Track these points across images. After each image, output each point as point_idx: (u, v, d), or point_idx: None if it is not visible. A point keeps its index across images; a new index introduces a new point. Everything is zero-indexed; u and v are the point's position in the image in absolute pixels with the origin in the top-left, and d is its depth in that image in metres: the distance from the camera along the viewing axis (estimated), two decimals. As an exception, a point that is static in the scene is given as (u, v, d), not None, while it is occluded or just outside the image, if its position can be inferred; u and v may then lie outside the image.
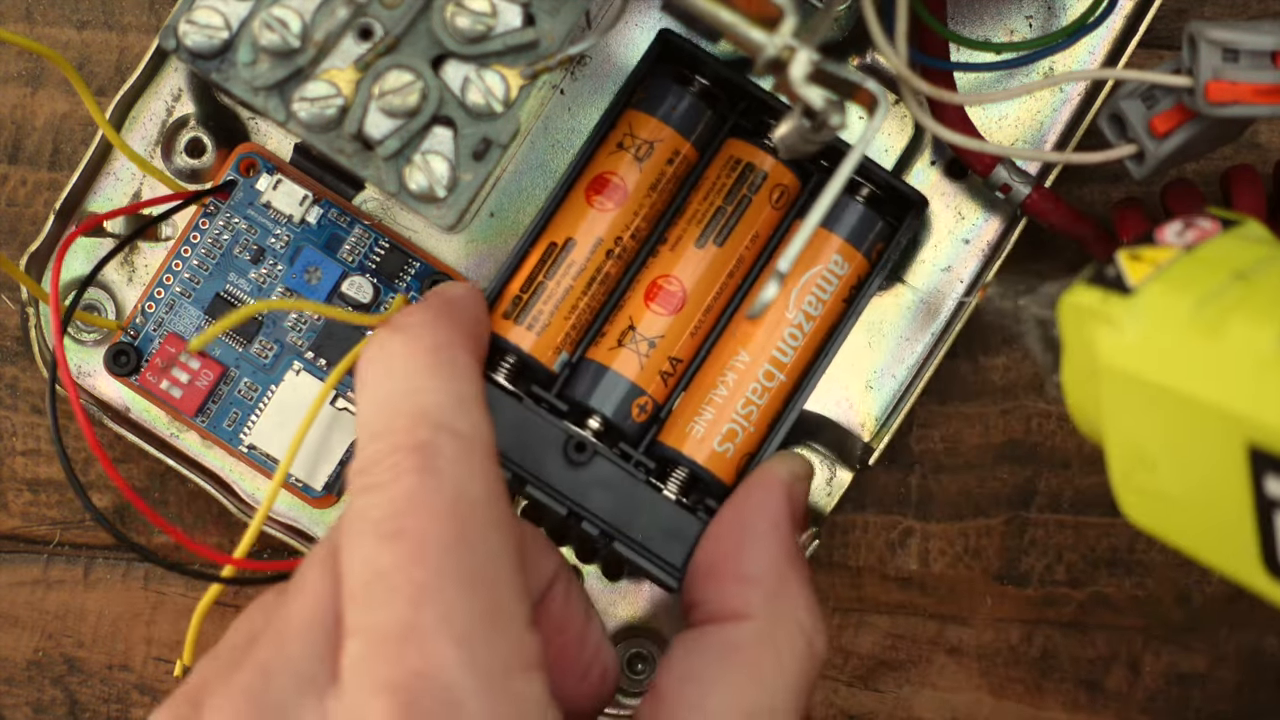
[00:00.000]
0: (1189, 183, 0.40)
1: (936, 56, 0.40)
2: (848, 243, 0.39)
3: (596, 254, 0.39)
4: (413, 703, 0.28)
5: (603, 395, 0.38)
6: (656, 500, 0.38)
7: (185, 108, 0.42)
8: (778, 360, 0.39)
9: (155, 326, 0.40)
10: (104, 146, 0.42)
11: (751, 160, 0.39)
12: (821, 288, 0.39)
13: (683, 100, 0.39)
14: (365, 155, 0.35)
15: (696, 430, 0.38)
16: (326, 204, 0.40)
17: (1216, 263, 0.31)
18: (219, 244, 0.41)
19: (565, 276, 0.38)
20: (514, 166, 0.41)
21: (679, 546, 0.37)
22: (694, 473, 0.38)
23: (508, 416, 0.38)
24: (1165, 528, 0.31)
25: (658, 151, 0.39)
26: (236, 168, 0.41)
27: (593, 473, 0.38)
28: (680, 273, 0.39)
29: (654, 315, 0.39)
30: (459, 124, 0.35)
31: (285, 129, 0.35)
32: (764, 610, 0.34)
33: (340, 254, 0.41)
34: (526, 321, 0.38)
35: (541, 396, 0.38)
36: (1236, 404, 0.28)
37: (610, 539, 0.37)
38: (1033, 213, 0.40)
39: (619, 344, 0.38)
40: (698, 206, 0.39)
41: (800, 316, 0.39)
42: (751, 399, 0.38)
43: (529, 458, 0.38)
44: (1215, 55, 0.34)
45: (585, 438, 0.38)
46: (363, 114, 0.34)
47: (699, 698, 0.33)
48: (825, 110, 0.31)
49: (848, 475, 0.41)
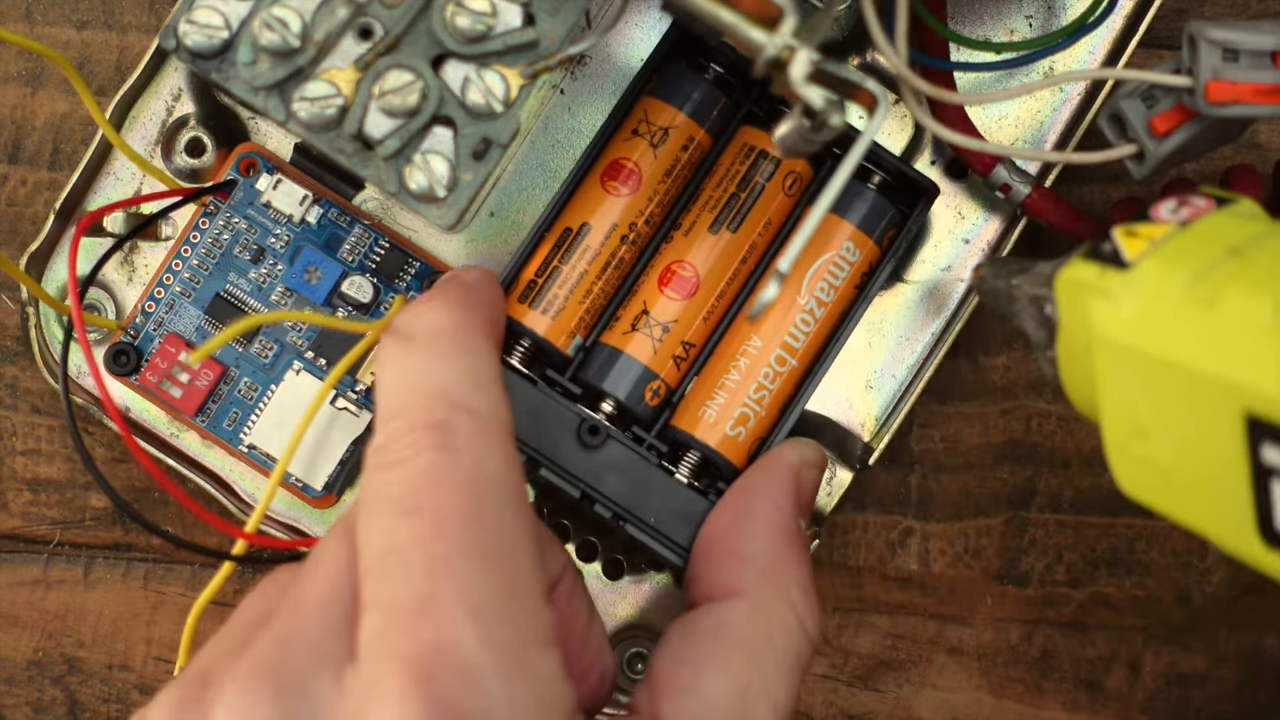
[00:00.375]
0: (1188, 182, 0.40)
1: (936, 56, 0.40)
2: (859, 230, 0.39)
3: (611, 239, 0.39)
4: (430, 677, 0.28)
5: (616, 379, 0.39)
6: (669, 483, 0.38)
7: (185, 107, 0.42)
8: (789, 345, 0.39)
9: (155, 326, 0.40)
10: (104, 146, 0.41)
11: (765, 147, 0.39)
12: (833, 274, 0.39)
13: (698, 87, 0.39)
14: (365, 155, 0.35)
15: (709, 414, 0.39)
16: (326, 204, 0.40)
17: (1211, 238, 0.31)
18: (219, 244, 0.40)
19: (580, 261, 0.39)
20: (514, 166, 0.41)
21: (688, 527, 0.38)
22: (706, 456, 0.39)
23: (522, 400, 0.38)
24: (1161, 499, 0.31)
25: (672, 138, 0.39)
26: (236, 167, 0.41)
27: (606, 456, 0.38)
28: (694, 258, 0.39)
29: (668, 300, 0.39)
30: (459, 124, 0.35)
31: (285, 129, 0.35)
32: (756, 586, 0.34)
33: (340, 254, 0.40)
34: (541, 306, 0.38)
35: (556, 380, 0.39)
36: (1234, 373, 0.28)
37: (622, 521, 0.38)
38: (1033, 212, 0.40)
39: (633, 328, 0.39)
40: (711, 193, 0.39)
41: (812, 302, 0.39)
42: (764, 384, 0.39)
43: (543, 440, 0.38)
44: (1215, 55, 0.34)
45: (599, 421, 0.38)
46: (363, 114, 0.34)
47: (692, 680, 0.33)
48: (825, 110, 0.31)
49: (848, 475, 0.41)
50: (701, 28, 0.33)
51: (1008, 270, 0.36)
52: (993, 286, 0.36)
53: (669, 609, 0.42)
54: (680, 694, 0.33)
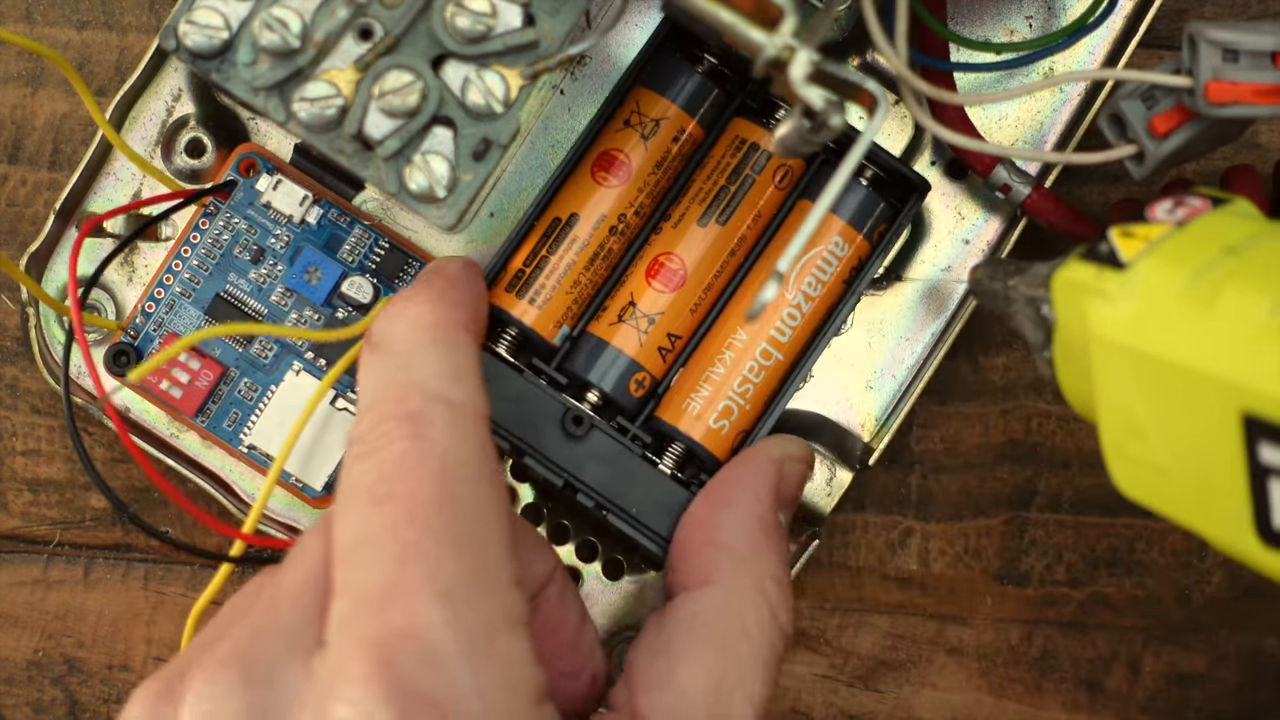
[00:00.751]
0: (1189, 182, 0.40)
1: (936, 57, 0.40)
2: (849, 225, 0.39)
3: (600, 230, 0.39)
4: (393, 661, 0.28)
5: (601, 370, 0.39)
6: (652, 474, 0.38)
7: (185, 108, 0.42)
8: (775, 340, 0.39)
9: (155, 327, 0.40)
10: (104, 146, 0.41)
11: (756, 140, 0.39)
12: (821, 269, 0.39)
13: (691, 79, 0.39)
14: (365, 155, 0.35)
15: (693, 407, 0.39)
16: (326, 204, 0.40)
17: (1208, 238, 0.31)
18: (219, 244, 0.40)
19: (568, 252, 0.39)
20: (514, 167, 0.41)
21: (669, 518, 0.38)
22: (690, 448, 0.39)
23: (508, 388, 0.38)
24: (1159, 499, 0.31)
25: (664, 129, 0.39)
26: (236, 168, 0.41)
27: (590, 446, 0.38)
28: (682, 250, 0.39)
29: (655, 292, 0.39)
30: (459, 124, 0.35)
31: (285, 129, 0.35)
32: (730, 575, 0.34)
33: (340, 254, 0.40)
34: (529, 295, 0.39)
35: (541, 369, 0.39)
36: (1231, 372, 0.28)
37: (604, 511, 0.38)
38: (1033, 213, 0.40)
39: (619, 319, 0.39)
40: (701, 185, 0.39)
41: (799, 297, 0.39)
42: (749, 377, 0.39)
43: (528, 429, 0.38)
44: (1215, 55, 0.34)
45: (583, 411, 0.38)
46: (363, 114, 0.34)
47: (668, 673, 0.33)
48: (825, 110, 0.31)
49: (848, 475, 0.41)
50: (701, 28, 0.33)
51: (1004, 271, 0.36)
52: (989, 288, 0.36)
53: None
54: (656, 688, 0.33)
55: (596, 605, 0.42)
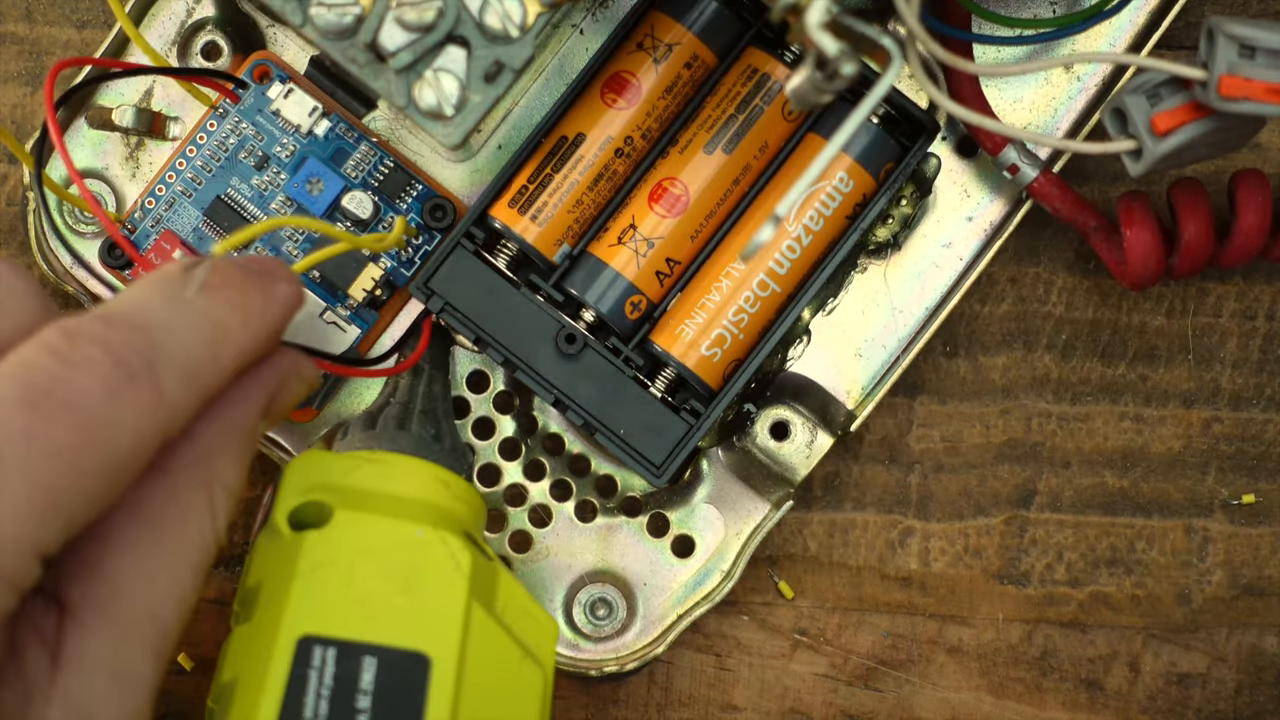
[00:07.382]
0: (1195, 181, 0.40)
1: (957, 28, 0.40)
2: (857, 162, 0.39)
3: (606, 151, 0.39)
4: None
5: (599, 291, 0.39)
6: (642, 397, 0.39)
7: (205, 10, 0.42)
8: (774, 271, 0.39)
9: (154, 223, 0.40)
10: (120, 41, 0.41)
11: (768, 70, 0.39)
12: (824, 204, 0.39)
13: (708, 5, 0.39)
14: (377, 66, 0.35)
15: (687, 333, 0.39)
16: (335, 118, 0.40)
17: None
18: (225, 147, 0.40)
19: (573, 171, 0.39)
20: (526, 102, 0.41)
21: (661, 444, 0.38)
22: (681, 374, 0.39)
23: (504, 302, 0.39)
24: None
25: (676, 55, 0.39)
26: (250, 73, 0.41)
27: (582, 365, 0.39)
28: (686, 176, 0.39)
29: (656, 216, 0.39)
30: (473, 44, 0.35)
31: (301, 33, 0.35)
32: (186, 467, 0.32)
33: (344, 168, 0.40)
34: (531, 212, 0.39)
35: (539, 286, 0.39)
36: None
37: (593, 431, 0.38)
38: (1038, 196, 0.40)
39: (619, 241, 0.39)
40: (710, 112, 0.39)
41: (800, 230, 0.39)
42: (744, 307, 0.39)
43: (522, 345, 0.39)
44: (1232, 50, 0.34)
45: (577, 330, 0.39)
46: (378, 24, 0.34)
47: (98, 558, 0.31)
48: (838, 58, 0.31)
49: (828, 440, 0.41)
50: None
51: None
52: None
53: (641, 556, 0.42)
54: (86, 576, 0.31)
55: (568, 547, 0.42)
